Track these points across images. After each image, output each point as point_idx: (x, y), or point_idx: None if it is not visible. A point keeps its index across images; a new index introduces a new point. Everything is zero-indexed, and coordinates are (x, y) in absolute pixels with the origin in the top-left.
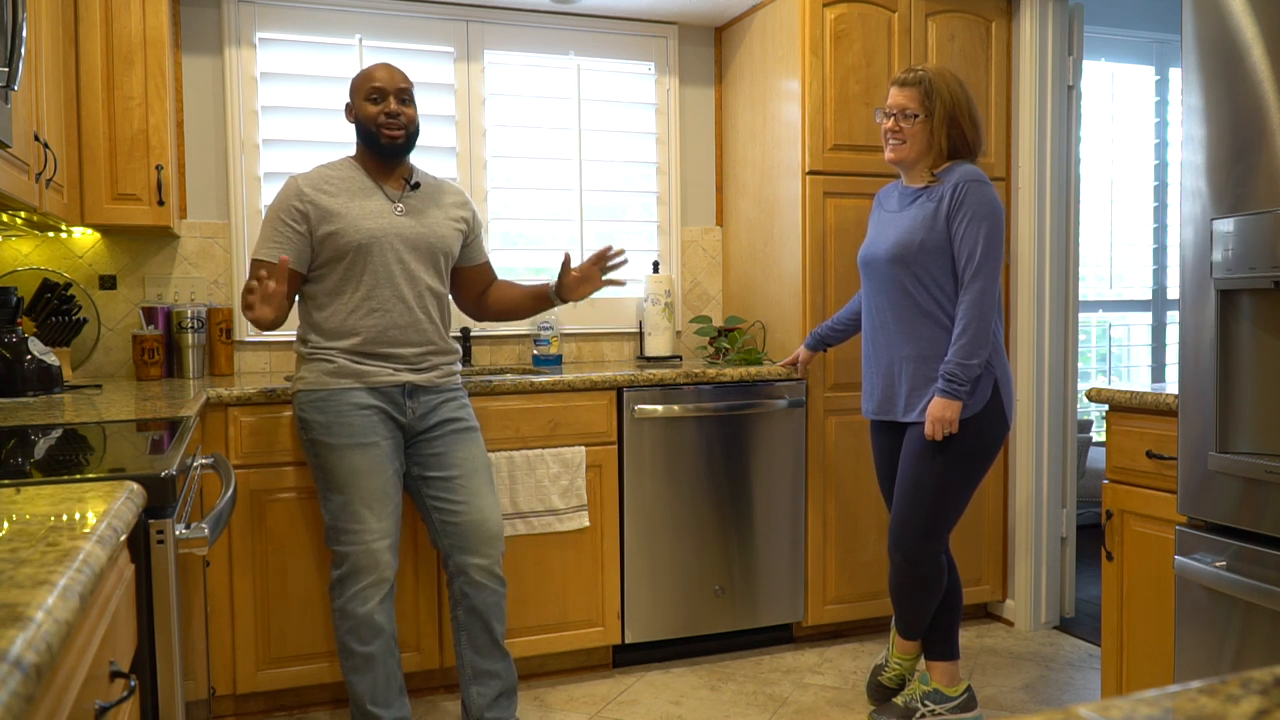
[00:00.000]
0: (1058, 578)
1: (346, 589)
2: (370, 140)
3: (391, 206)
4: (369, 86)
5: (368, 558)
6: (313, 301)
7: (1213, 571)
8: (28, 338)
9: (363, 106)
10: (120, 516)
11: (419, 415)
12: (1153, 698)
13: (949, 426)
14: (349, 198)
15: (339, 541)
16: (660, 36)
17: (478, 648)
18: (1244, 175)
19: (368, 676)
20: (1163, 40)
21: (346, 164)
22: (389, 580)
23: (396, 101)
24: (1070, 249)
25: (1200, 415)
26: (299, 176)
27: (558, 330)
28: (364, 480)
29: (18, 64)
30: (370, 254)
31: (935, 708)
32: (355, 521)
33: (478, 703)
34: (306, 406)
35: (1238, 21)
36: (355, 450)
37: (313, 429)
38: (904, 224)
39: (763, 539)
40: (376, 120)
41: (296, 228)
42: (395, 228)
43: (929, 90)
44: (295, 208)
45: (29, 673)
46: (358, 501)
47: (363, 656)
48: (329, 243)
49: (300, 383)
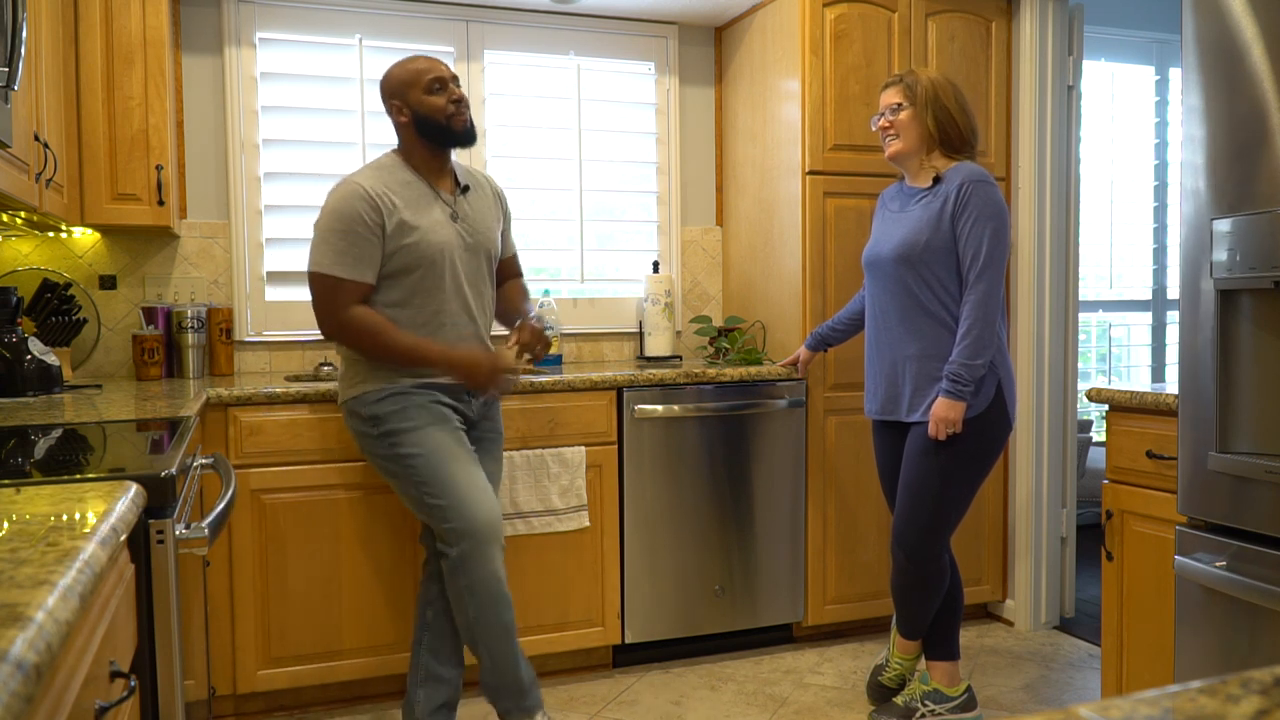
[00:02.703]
0: (1058, 578)
1: (470, 561)
2: (440, 131)
3: (448, 214)
4: (426, 80)
5: (490, 528)
6: (372, 307)
7: (1213, 571)
8: (28, 338)
9: (424, 100)
10: (120, 516)
11: (479, 413)
12: (1153, 698)
13: (953, 426)
14: (413, 209)
15: (449, 519)
16: (660, 36)
17: (436, 651)
18: (1244, 175)
19: (508, 645)
20: (1163, 40)
21: (398, 166)
22: (503, 547)
23: (456, 86)
24: (1070, 249)
25: (1200, 415)
26: (359, 184)
27: (558, 330)
28: (458, 452)
29: (18, 64)
30: (439, 268)
31: (935, 708)
32: (465, 489)
33: (423, 705)
34: (375, 404)
35: (1238, 21)
36: (440, 426)
37: (387, 420)
38: (908, 224)
39: (763, 539)
40: (446, 110)
41: (372, 238)
42: (457, 238)
43: (911, 83)
44: (368, 220)
45: (29, 673)
46: (460, 471)
47: (502, 627)
48: (401, 255)
49: (364, 384)
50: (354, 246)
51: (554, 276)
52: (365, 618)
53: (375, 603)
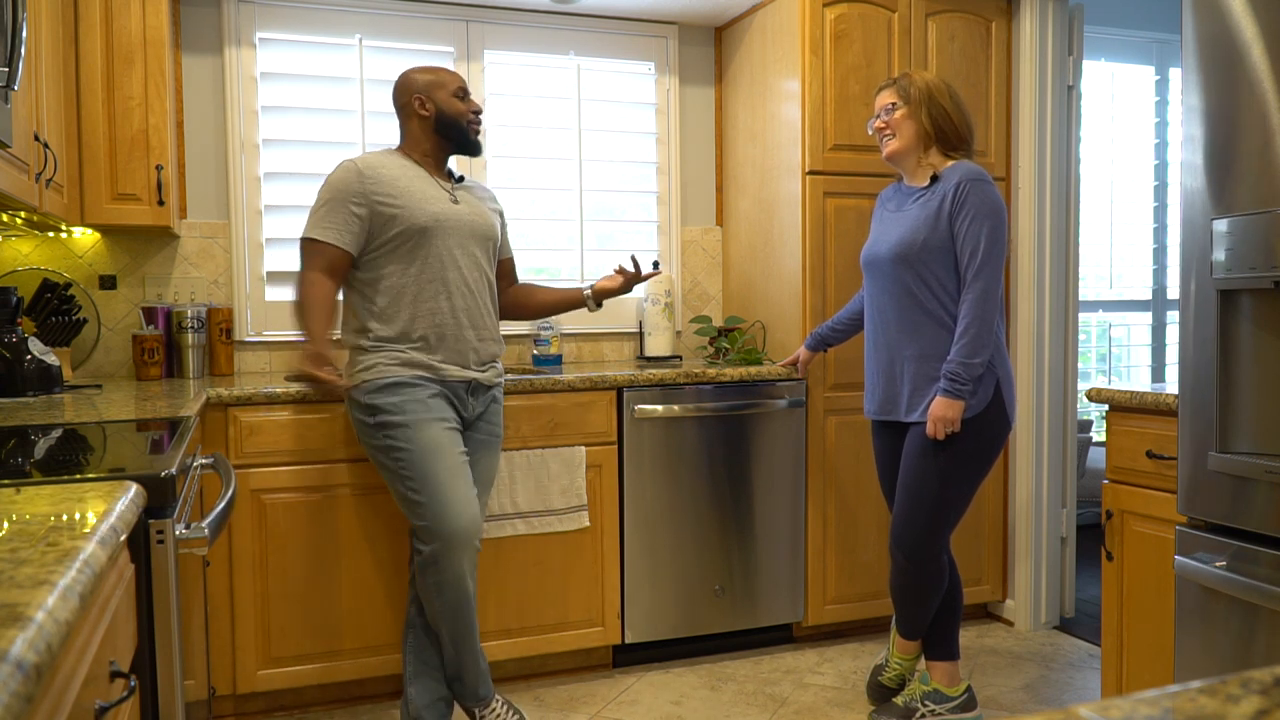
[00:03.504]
0: (1058, 578)
1: (440, 562)
2: (456, 134)
3: (447, 196)
4: (455, 85)
5: (462, 534)
6: (371, 289)
7: (1213, 571)
8: (28, 338)
9: (451, 103)
10: (120, 516)
11: (475, 413)
12: (1153, 698)
13: (951, 426)
14: (408, 183)
15: (425, 517)
16: (660, 36)
17: (426, 646)
18: (1243, 175)
19: (469, 641)
20: (1163, 40)
21: (396, 155)
22: (477, 550)
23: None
24: (1070, 249)
25: (1200, 415)
26: (355, 160)
27: (558, 330)
28: (446, 452)
29: (18, 64)
30: (433, 238)
31: (935, 708)
32: (447, 490)
33: (417, 701)
34: (374, 393)
35: (1238, 21)
36: (434, 424)
37: (382, 411)
38: (906, 223)
39: (763, 539)
40: (466, 117)
41: (357, 211)
42: (455, 214)
43: (905, 84)
44: (356, 189)
45: (29, 673)
46: (445, 472)
47: (465, 625)
48: (391, 224)
49: (366, 371)
50: (333, 213)
51: (554, 276)
52: (365, 618)
53: (375, 603)
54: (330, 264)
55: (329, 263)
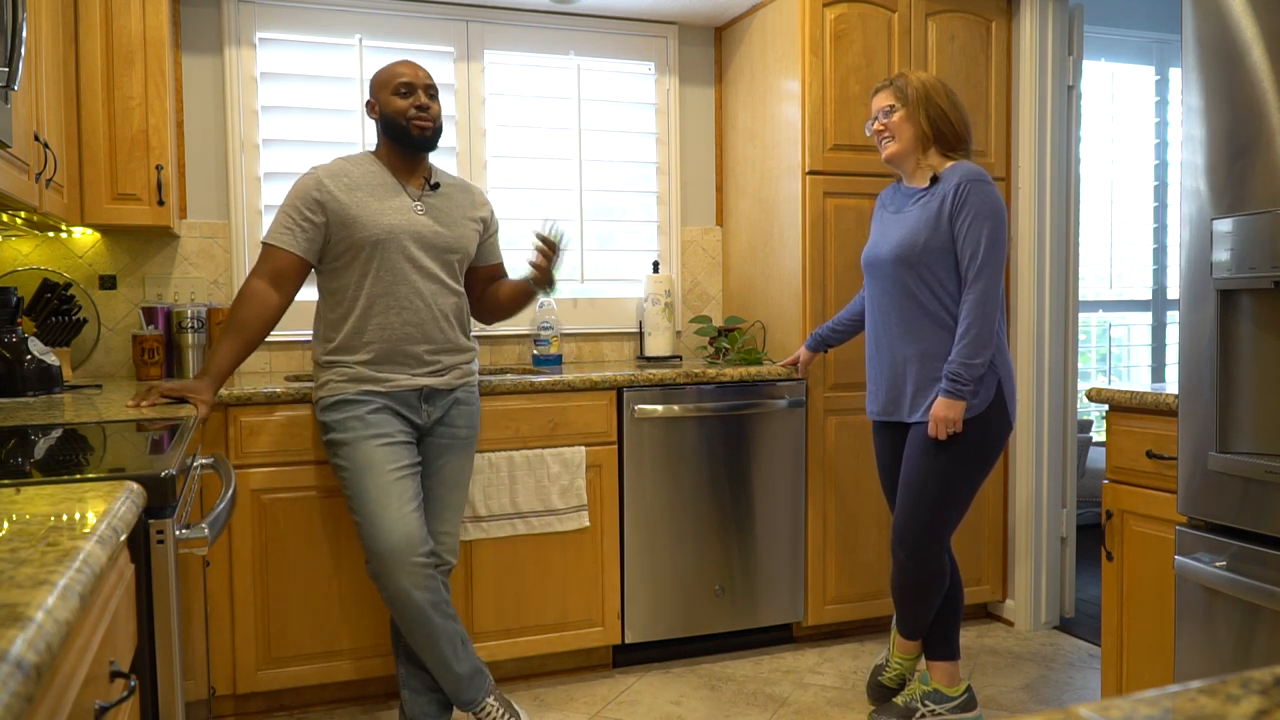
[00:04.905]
0: (1058, 578)
1: (381, 578)
2: (400, 134)
3: (412, 205)
4: (396, 82)
5: (395, 553)
6: (331, 298)
7: (1213, 571)
8: (28, 338)
9: (391, 101)
10: (120, 516)
11: (434, 418)
12: (1153, 698)
13: (953, 426)
14: (369, 193)
15: (362, 535)
16: (660, 36)
17: (409, 653)
18: (1243, 175)
19: (432, 650)
20: (1163, 40)
21: (367, 159)
22: (421, 563)
23: (425, 95)
24: (1070, 249)
25: (1200, 415)
26: (319, 167)
27: (558, 330)
28: (379, 470)
29: (18, 64)
30: (386, 250)
31: (935, 708)
32: (377, 509)
33: (412, 705)
34: (325, 410)
35: (1238, 21)
36: (369, 442)
37: (330, 429)
38: (907, 224)
39: (763, 539)
40: (407, 114)
41: (313, 218)
42: (412, 225)
43: (901, 85)
44: (314, 197)
45: (29, 673)
46: (376, 489)
47: (424, 636)
48: (345, 236)
49: (321, 389)
50: (288, 218)
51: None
52: (365, 618)
53: (375, 603)
54: (277, 270)
55: (276, 269)
